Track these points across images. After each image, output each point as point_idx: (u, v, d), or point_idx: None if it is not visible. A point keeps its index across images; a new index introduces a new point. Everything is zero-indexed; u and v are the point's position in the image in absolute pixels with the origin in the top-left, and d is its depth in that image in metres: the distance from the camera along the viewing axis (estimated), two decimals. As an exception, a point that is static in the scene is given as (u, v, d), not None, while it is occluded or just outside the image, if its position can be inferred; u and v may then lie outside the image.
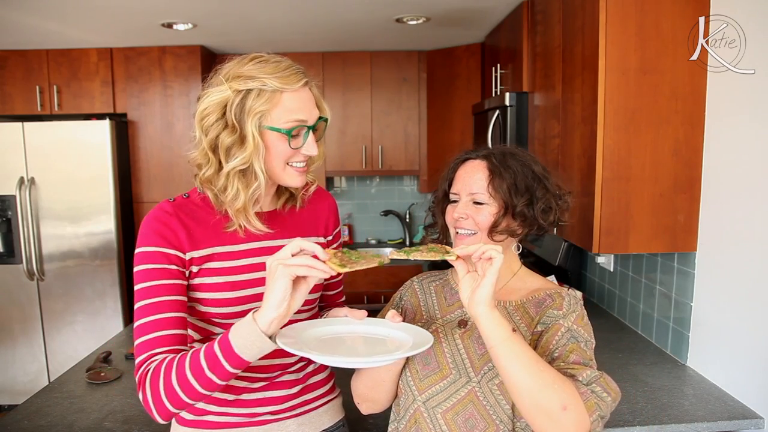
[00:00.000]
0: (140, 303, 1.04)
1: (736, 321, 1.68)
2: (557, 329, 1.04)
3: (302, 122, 1.05)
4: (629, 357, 2.01)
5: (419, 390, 1.10)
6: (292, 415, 1.20)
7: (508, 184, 1.09)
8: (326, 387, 1.29)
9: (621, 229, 1.85)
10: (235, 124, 1.03)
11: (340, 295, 1.38)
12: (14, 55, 3.61)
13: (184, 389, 0.96)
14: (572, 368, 0.98)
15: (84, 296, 3.58)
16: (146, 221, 1.09)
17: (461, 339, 1.12)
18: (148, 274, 1.05)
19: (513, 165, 1.11)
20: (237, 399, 1.15)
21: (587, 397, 0.93)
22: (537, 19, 2.54)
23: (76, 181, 3.49)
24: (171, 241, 1.07)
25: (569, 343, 1.02)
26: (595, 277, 2.66)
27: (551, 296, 1.10)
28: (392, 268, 3.87)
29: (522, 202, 1.09)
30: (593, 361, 1.03)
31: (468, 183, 1.13)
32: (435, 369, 1.10)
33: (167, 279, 1.05)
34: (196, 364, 0.96)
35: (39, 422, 1.59)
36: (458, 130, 3.77)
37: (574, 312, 1.07)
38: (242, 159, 1.03)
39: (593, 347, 1.06)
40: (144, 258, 1.06)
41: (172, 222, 1.08)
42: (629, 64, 1.78)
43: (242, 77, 1.03)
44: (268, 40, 3.52)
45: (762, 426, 1.57)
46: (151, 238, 1.07)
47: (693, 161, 1.82)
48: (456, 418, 1.05)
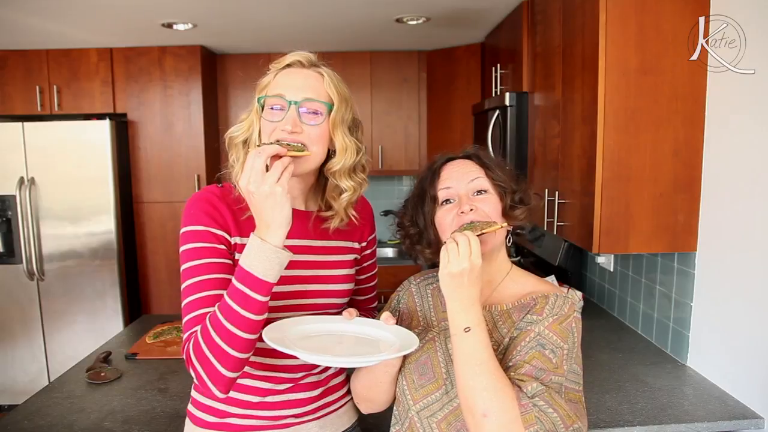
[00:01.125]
0: (189, 281, 1.03)
1: (736, 321, 1.68)
2: (525, 336, 1.00)
3: (277, 95, 1.06)
4: (629, 357, 2.01)
5: (414, 400, 1.09)
6: (313, 418, 1.20)
7: (503, 173, 1.13)
8: (345, 389, 1.29)
9: (621, 229, 1.85)
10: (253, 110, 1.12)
11: (372, 300, 1.37)
12: (14, 55, 3.61)
13: (228, 342, 0.94)
14: (521, 379, 0.95)
15: (84, 296, 3.58)
16: (193, 201, 1.09)
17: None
18: (197, 253, 1.04)
19: (493, 160, 1.16)
20: (262, 401, 1.14)
21: (527, 409, 0.92)
22: (537, 19, 2.54)
23: (76, 181, 3.49)
24: (219, 222, 1.07)
25: (531, 351, 0.98)
26: (595, 277, 2.66)
27: (536, 300, 1.06)
28: (392, 267, 3.87)
29: (521, 188, 1.14)
30: (561, 368, 0.98)
31: (464, 175, 1.11)
32: (431, 379, 1.08)
33: (216, 257, 1.05)
34: (228, 310, 0.94)
35: (39, 422, 1.59)
36: (458, 130, 3.77)
37: (553, 315, 1.01)
38: (241, 126, 1.11)
39: (568, 353, 0.99)
40: (192, 237, 1.06)
41: (220, 205, 1.08)
42: (629, 64, 1.77)
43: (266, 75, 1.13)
44: (268, 40, 3.52)
45: (762, 426, 1.57)
46: (199, 217, 1.06)
47: (693, 161, 1.82)
48: (449, 428, 1.04)
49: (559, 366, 0.98)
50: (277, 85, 1.08)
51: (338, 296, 1.20)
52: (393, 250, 4.36)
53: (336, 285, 1.19)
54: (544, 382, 0.95)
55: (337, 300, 1.20)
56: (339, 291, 1.20)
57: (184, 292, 1.04)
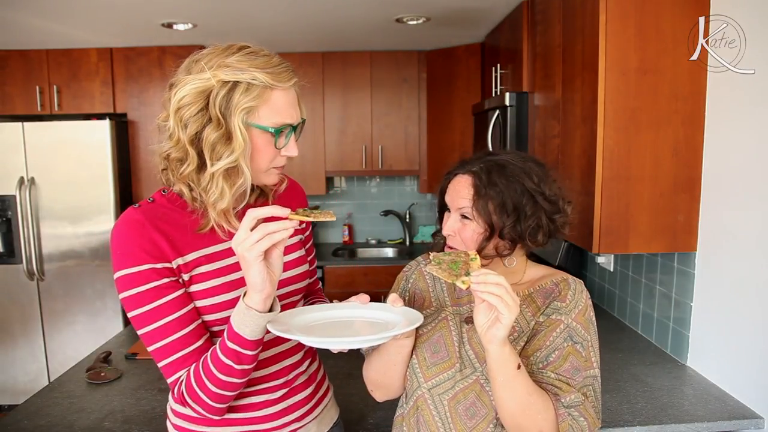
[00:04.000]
0: (149, 327, 0.98)
1: (736, 321, 1.68)
2: (556, 326, 1.06)
3: (288, 124, 1.00)
4: (629, 357, 2.01)
5: (425, 377, 1.11)
6: (313, 418, 1.21)
7: (494, 204, 1.05)
8: (327, 381, 1.31)
9: (621, 229, 1.85)
10: (220, 118, 0.95)
11: (316, 283, 1.37)
12: (14, 55, 3.61)
13: (225, 388, 0.97)
14: (559, 385, 1.03)
15: (84, 296, 3.58)
16: (118, 238, 0.99)
17: (467, 333, 1.13)
18: (146, 297, 0.97)
19: (500, 182, 1.06)
20: (263, 415, 1.13)
21: (563, 418, 1.00)
22: (537, 19, 2.53)
23: (76, 181, 3.49)
24: (155, 254, 0.98)
25: (565, 345, 1.05)
26: (595, 277, 2.66)
27: (557, 284, 1.12)
28: (393, 268, 3.87)
29: (509, 222, 1.05)
30: (590, 361, 1.07)
31: (455, 198, 1.11)
32: (444, 357, 1.11)
33: (168, 295, 0.98)
34: (222, 365, 0.96)
35: (39, 422, 1.59)
36: (458, 130, 3.77)
37: (577, 306, 1.08)
38: (231, 159, 0.96)
39: (593, 345, 1.09)
40: (131, 281, 0.97)
41: (147, 232, 0.98)
42: (629, 64, 1.77)
43: (230, 68, 0.95)
44: (268, 40, 3.51)
45: (762, 426, 1.57)
46: (131, 257, 0.97)
47: (693, 161, 1.82)
48: (458, 406, 1.08)
49: (588, 359, 1.07)
50: (280, 109, 0.99)
51: (299, 281, 1.20)
52: (393, 250, 4.36)
53: (293, 270, 1.18)
54: (580, 385, 1.04)
55: (299, 285, 1.20)
56: (298, 276, 1.19)
57: (147, 338, 0.99)
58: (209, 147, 0.97)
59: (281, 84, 0.97)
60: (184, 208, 1.04)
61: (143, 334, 0.99)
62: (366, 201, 4.52)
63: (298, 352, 1.19)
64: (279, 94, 0.98)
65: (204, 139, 0.96)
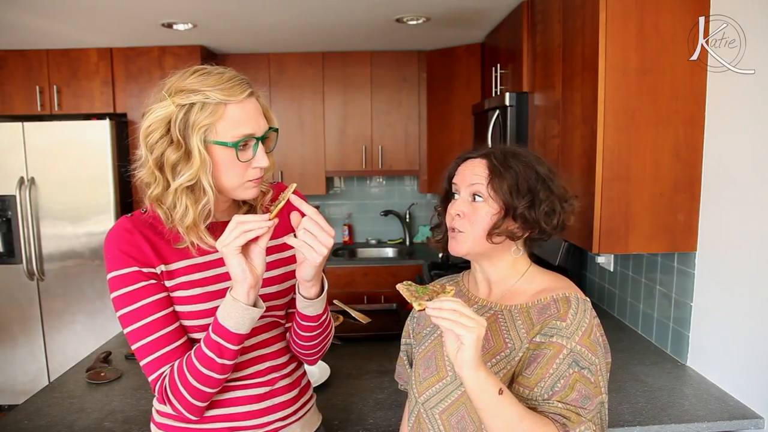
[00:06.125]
0: (134, 326, 1.05)
1: (735, 321, 1.68)
2: (558, 351, 0.98)
3: (249, 135, 1.02)
4: (629, 357, 2.01)
5: (419, 392, 1.12)
6: (297, 419, 1.22)
7: (508, 184, 1.04)
8: (311, 388, 1.33)
9: (621, 229, 1.85)
10: (180, 139, 1.00)
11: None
12: (14, 55, 3.61)
13: (205, 383, 1.02)
14: (568, 415, 0.95)
15: (84, 296, 3.58)
16: (110, 243, 1.07)
17: None
18: (132, 297, 1.05)
19: (515, 165, 1.06)
20: (247, 411, 1.15)
21: None
22: (537, 19, 2.53)
23: (76, 181, 3.49)
24: (141, 259, 1.06)
25: (571, 371, 0.97)
26: (595, 277, 2.66)
27: (557, 301, 1.04)
28: (393, 268, 3.87)
29: (523, 203, 1.04)
30: (599, 387, 0.98)
31: (468, 176, 1.09)
32: (433, 372, 1.11)
33: (151, 296, 1.06)
34: (204, 357, 1.01)
35: (39, 422, 1.59)
36: (458, 130, 3.77)
37: (581, 327, 1.00)
38: (189, 175, 1.00)
39: (602, 369, 1.00)
40: (122, 281, 1.05)
41: (135, 239, 1.07)
42: (629, 63, 1.77)
43: (185, 91, 1.00)
44: (268, 40, 3.52)
45: (762, 426, 1.57)
46: (122, 259, 1.05)
47: (693, 161, 1.82)
48: (450, 419, 1.06)
49: (597, 384, 0.98)
50: (238, 122, 1.01)
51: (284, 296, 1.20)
52: (393, 250, 4.36)
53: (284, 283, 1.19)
54: (592, 414, 0.96)
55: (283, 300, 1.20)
56: (286, 290, 1.20)
57: (131, 336, 1.06)
58: (170, 167, 1.02)
59: (234, 98, 1.01)
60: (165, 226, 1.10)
61: (129, 332, 1.07)
62: (366, 201, 4.52)
63: (282, 357, 1.21)
64: (234, 108, 1.01)
65: (166, 161, 1.02)
